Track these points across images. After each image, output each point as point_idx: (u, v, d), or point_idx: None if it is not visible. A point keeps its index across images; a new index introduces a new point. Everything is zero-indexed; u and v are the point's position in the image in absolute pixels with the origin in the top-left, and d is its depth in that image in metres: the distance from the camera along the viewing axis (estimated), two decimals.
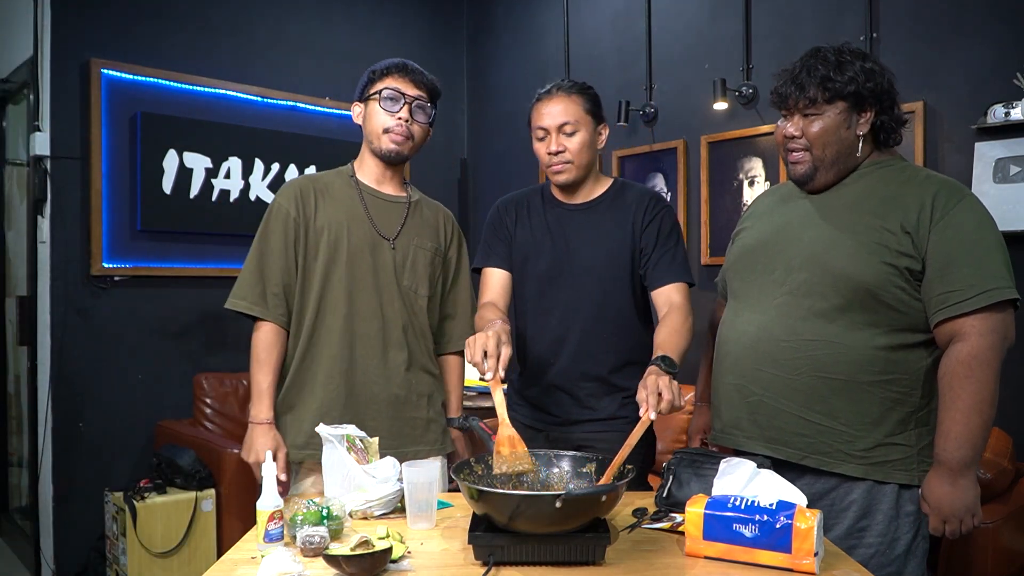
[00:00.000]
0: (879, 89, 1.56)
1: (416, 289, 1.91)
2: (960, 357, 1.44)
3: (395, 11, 4.49)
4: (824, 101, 1.54)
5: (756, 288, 1.65)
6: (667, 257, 1.89)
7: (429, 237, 1.96)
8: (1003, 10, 2.69)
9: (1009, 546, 2.23)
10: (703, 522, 1.30)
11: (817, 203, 1.62)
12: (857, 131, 1.57)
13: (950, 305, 1.45)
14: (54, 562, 3.33)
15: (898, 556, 1.53)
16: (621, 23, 3.94)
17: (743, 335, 1.64)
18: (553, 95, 1.90)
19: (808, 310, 1.55)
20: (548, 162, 1.91)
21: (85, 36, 3.39)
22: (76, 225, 3.38)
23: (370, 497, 1.54)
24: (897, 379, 1.52)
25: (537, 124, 1.91)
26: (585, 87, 1.93)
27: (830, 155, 1.57)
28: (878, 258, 1.49)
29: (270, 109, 3.93)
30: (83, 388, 3.39)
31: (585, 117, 1.89)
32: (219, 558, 1.34)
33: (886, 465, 1.52)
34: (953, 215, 1.47)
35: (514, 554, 1.26)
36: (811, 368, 1.54)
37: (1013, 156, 2.61)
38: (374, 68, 1.90)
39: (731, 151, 3.48)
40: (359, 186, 1.92)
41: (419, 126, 1.89)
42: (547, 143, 1.90)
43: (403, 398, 1.88)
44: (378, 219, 1.90)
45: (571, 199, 1.97)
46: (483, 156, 4.77)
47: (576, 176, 1.92)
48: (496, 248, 1.99)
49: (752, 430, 1.62)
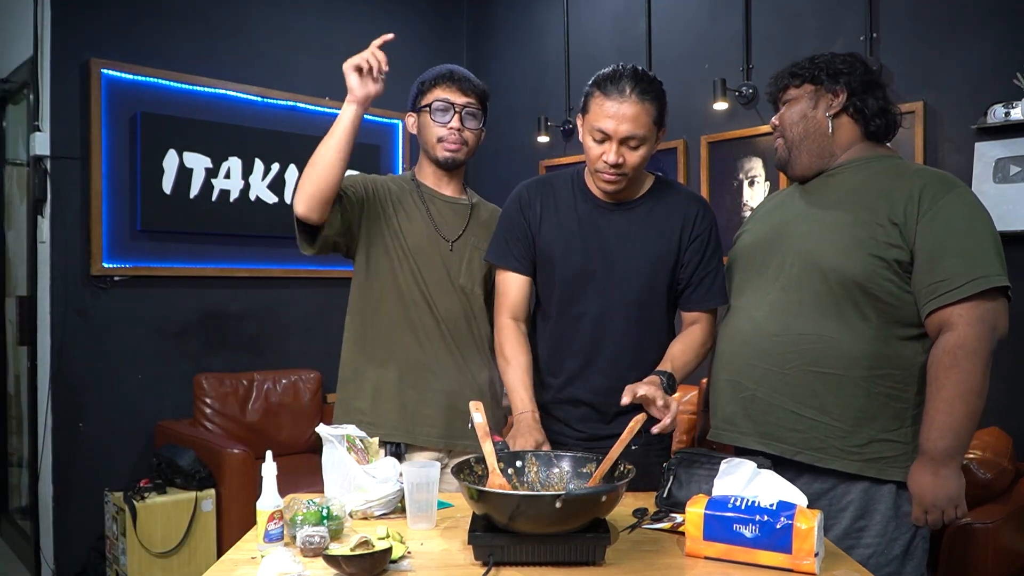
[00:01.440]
0: (847, 71, 1.60)
1: (472, 288, 1.95)
2: (946, 347, 1.44)
3: (395, 11, 4.49)
4: (794, 87, 1.65)
5: (752, 285, 1.67)
6: (708, 280, 1.75)
7: (487, 238, 1.98)
8: (1003, 10, 2.69)
9: (1009, 546, 2.23)
10: (703, 522, 1.30)
11: (810, 200, 1.65)
12: (827, 112, 1.62)
13: (939, 295, 1.45)
14: (54, 562, 3.33)
15: (896, 557, 1.52)
16: (621, 23, 3.94)
17: (738, 331, 1.66)
18: (626, 96, 1.61)
19: (799, 305, 1.56)
20: (601, 168, 1.67)
21: (85, 36, 3.39)
22: (76, 225, 3.38)
23: (370, 497, 1.54)
24: (890, 374, 1.52)
25: (597, 124, 1.64)
26: (660, 89, 1.68)
27: (797, 134, 1.64)
28: (866, 251, 1.49)
29: (270, 109, 3.93)
30: (83, 388, 3.39)
31: (653, 129, 1.66)
32: (219, 558, 1.34)
33: (880, 462, 1.51)
34: (941, 206, 1.47)
35: (514, 554, 1.26)
36: (802, 362, 1.54)
37: (1013, 156, 2.61)
38: (422, 79, 1.94)
39: (731, 151, 3.48)
40: (420, 188, 1.97)
41: (471, 132, 1.94)
42: (605, 149, 1.64)
43: (456, 392, 1.90)
44: (439, 220, 1.95)
45: (614, 197, 1.76)
46: (483, 156, 4.76)
47: (625, 186, 1.72)
48: (514, 248, 1.81)
49: (746, 426, 1.63)
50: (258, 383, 3.75)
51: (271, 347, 3.92)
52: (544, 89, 4.33)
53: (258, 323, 3.93)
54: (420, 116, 1.94)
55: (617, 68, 1.66)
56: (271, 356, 3.91)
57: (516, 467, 1.48)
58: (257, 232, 3.85)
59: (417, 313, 1.90)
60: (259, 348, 3.89)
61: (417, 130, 1.97)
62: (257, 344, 3.88)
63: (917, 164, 1.65)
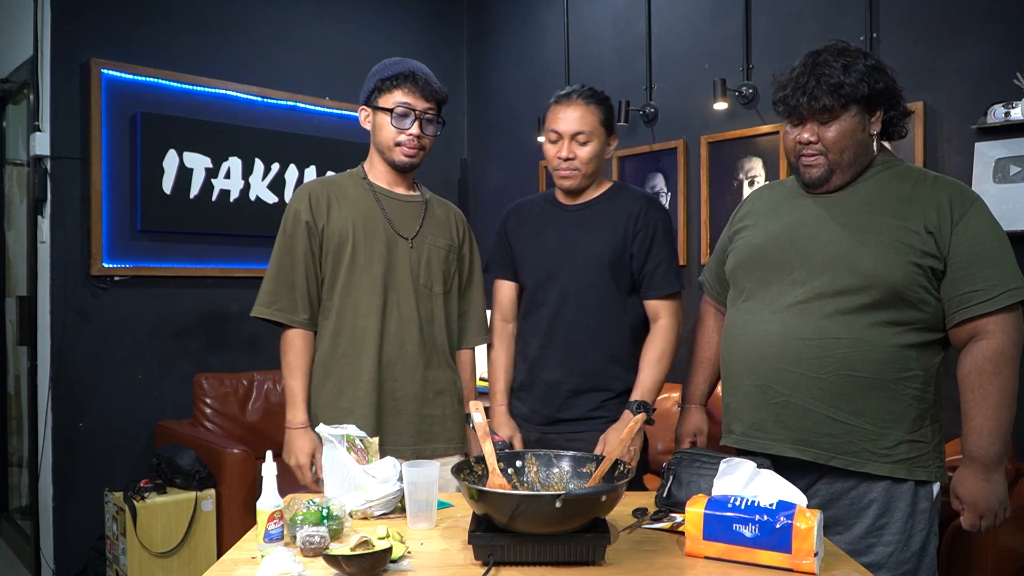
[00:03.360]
0: (887, 87, 1.58)
1: (431, 287, 1.94)
2: (986, 354, 1.47)
3: (395, 11, 4.49)
4: (840, 107, 1.54)
5: (774, 288, 1.63)
6: (660, 268, 1.95)
7: (443, 235, 1.99)
8: (1003, 10, 2.69)
9: (1009, 546, 2.23)
10: (703, 522, 1.30)
11: (828, 203, 1.62)
12: (871, 131, 1.58)
13: (974, 304, 1.48)
14: (54, 562, 3.33)
15: (914, 553, 1.54)
16: (621, 23, 3.94)
17: (764, 335, 1.61)
18: (572, 101, 1.94)
19: (834, 309, 1.54)
20: (556, 165, 1.96)
21: (85, 36, 3.39)
22: (76, 225, 3.38)
23: (370, 497, 1.54)
24: (915, 376, 1.53)
25: (551, 127, 1.95)
26: (603, 97, 1.98)
27: (848, 158, 1.57)
28: (905, 258, 1.50)
29: (270, 109, 3.93)
30: (83, 388, 3.39)
31: (599, 128, 1.95)
32: (219, 558, 1.34)
33: (907, 462, 1.53)
34: (970, 217, 1.50)
35: (514, 554, 1.26)
36: (838, 367, 1.54)
37: (1013, 156, 2.61)
38: (383, 77, 1.90)
39: (731, 151, 3.48)
40: (372, 188, 1.94)
41: (428, 138, 1.93)
42: (559, 147, 1.95)
43: (422, 395, 1.91)
44: (395, 219, 1.93)
45: (571, 201, 2.03)
46: (483, 156, 4.77)
47: (581, 183, 1.98)
48: (499, 257, 2.12)
49: (778, 432, 1.60)
50: (258, 383, 3.75)
51: (271, 347, 3.88)
52: (544, 89, 4.32)
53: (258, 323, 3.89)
54: (377, 115, 1.91)
55: (568, 87, 1.99)
56: (271, 356, 3.88)
57: (516, 467, 1.48)
58: (257, 232, 3.84)
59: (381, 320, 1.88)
60: (259, 348, 3.89)
61: (372, 127, 1.94)
62: (257, 344, 3.88)
63: (927, 170, 1.65)
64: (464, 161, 4.84)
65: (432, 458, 1.84)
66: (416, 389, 1.90)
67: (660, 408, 3.46)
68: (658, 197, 3.77)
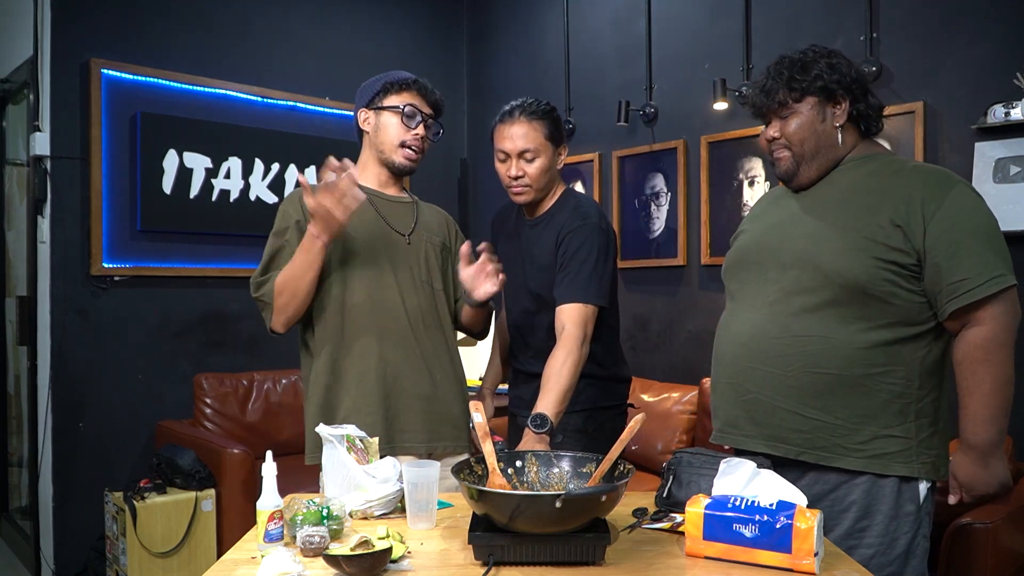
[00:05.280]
0: (846, 80, 1.60)
1: (432, 282, 1.95)
2: (977, 341, 1.47)
3: (395, 11, 4.49)
4: (794, 101, 1.61)
5: (751, 288, 1.67)
6: (567, 278, 1.94)
7: (436, 232, 2.01)
8: (1002, 10, 2.69)
9: (1009, 546, 2.23)
10: (703, 522, 1.30)
11: (806, 200, 1.65)
12: (834, 123, 1.61)
13: (960, 295, 1.47)
14: (54, 562, 3.34)
15: (898, 556, 1.53)
16: (621, 23, 3.94)
17: (737, 335, 1.66)
18: (516, 119, 1.96)
19: (799, 307, 1.56)
20: (508, 183, 2.01)
21: (85, 36, 3.40)
22: (76, 225, 3.38)
23: (370, 497, 1.54)
24: (892, 371, 1.52)
25: (499, 147, 1.99)
26: (547, 111, 1.99)
27: (809, 149, 1.62)
28: (867, 253, 1.50)
29: (270, 109, 3.93)
30: (83, 388, 3.39)
31: (545, 143, 1.97)
32: (219, 558, 1.34)
33: (884, 457, 1.52)
34: (947, 206, 1.49)
35: (514, 554, 1.26)
36: (803, 364, 1.55)
37: (1013, 156, 2.61)
38: (389, 80, 1.92)
39: (731, 151, 3.48)
40: (364, 190, 1.92)
41: (429, 142, 1.95)
42: (508, 166, 1.99)
43: (430, 393, 1.90)
44: (391, 218, 1.93)
45: (531, 215, 2.10)
46: (483, 156, 4.77)
47: (534, 197, 2.02)
48: None
49: (750, 428, 1.63)
50: (258, 383, 3.75)
51: (271, 347, 3.91)
52: (544, 89, 4.33)
53: (258, 323, 3.86)
54: (380, 116, 1.91)
55: (511, 103, 2.00)
56: (271, 356, 3.91)
57: (516, 467, 1.48)
58: (257, 232, 3.83)
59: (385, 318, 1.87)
60: (259, 348, 3.89)
61: (373, 129, 1.93)
62: (257, 344, 3.88)
63: (912, 160, 1.65)
64: (464, 161, 4.84)
65: (443, 456, 1.87)
66: (424, 386, 1.90)
67: (660, 408, 3.46)
68: (658, 197, 3.77)
